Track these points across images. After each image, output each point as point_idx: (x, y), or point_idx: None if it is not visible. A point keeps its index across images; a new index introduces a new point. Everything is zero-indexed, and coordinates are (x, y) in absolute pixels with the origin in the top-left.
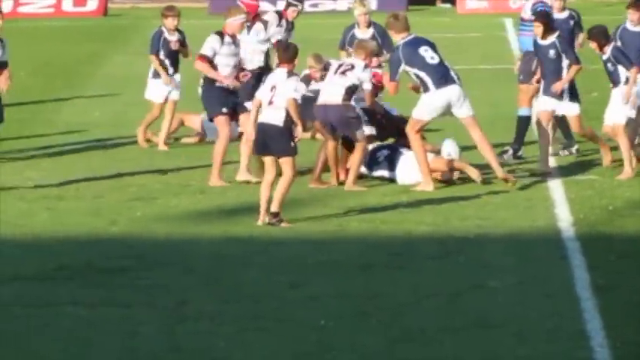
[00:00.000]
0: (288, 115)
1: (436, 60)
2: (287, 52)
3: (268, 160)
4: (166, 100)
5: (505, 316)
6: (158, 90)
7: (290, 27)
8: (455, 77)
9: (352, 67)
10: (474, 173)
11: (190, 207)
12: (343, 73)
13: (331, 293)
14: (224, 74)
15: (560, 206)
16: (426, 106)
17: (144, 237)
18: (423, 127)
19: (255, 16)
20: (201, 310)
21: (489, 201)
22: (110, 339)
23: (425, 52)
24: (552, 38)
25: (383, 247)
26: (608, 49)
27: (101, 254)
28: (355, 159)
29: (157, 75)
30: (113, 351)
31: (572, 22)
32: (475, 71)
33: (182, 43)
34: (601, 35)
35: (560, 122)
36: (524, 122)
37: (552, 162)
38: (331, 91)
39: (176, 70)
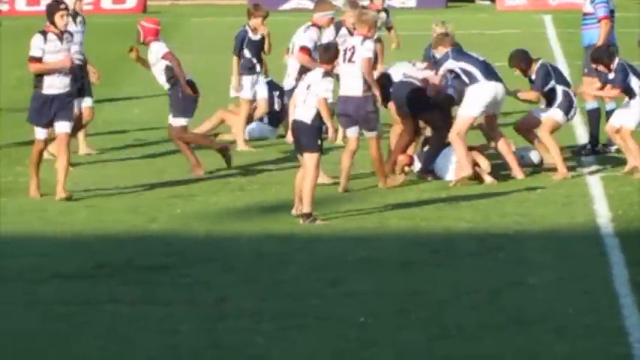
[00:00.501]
0: (317, 114)
1: (482, 59)
2: (327, 52)
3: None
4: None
5: (544, 313)
6: (247, 87)
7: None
8: (500, 77)
9: (353, 48)
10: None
11: (230, 204)
12: (350, 60)
13: (371, 290)
14: None
15: (599, 202)
16: (475, 100)
17: (183, 234)
18: (471, 126)
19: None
20: (241, 307)
21: (528, 197)
22: (150, 337)
23: (472, 53)
24: None
25: (422, 244)
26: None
27: (141, 252)
28: (374, 156)
29: (246, 72)
30: (153, 349)
31: None
32: None
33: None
34: (522, 60)
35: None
36: (595, 115)
37: (589, 159)
38: (349, 84)
39: (262, 69)
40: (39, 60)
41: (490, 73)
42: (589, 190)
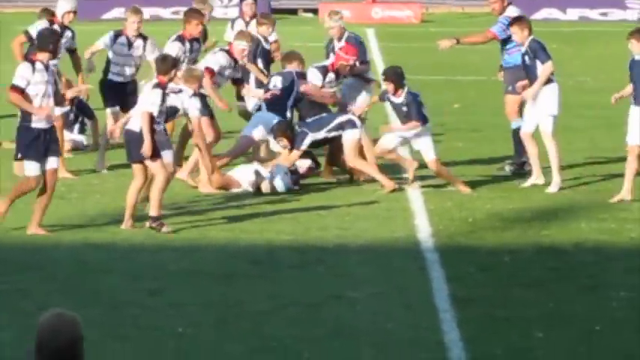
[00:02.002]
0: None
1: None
2: (164, 63)
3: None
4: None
5: (364, 327)
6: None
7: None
8: None
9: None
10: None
11: (50, 212)
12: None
13: (191, 301)
14: None
15: (420, 217)
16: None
17: (3, 241)
18: None
19: None
20: None
21: (349, 211)
22: None
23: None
24: None
25: (243, 256)
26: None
27: None
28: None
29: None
30: None
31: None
32: None
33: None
34: (395, 76)
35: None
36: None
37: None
38: None
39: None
40: (21, 91)
41: None
42: (410, 205)
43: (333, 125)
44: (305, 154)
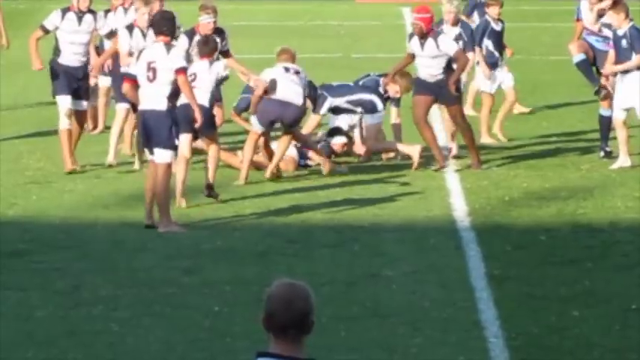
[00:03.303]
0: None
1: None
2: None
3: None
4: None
5: (400, 305)
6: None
7: None
8: None
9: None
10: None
11: (86, 191)
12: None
13: (226, 280)
14: None
15: (456, 196)
16: None
17: (39, 221)
18: None
19: None
20: (96, 294)
21: (385, 190)
22: (5, 322)
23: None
24: None
25: (279, 235)
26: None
27: None
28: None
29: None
30: (8, 334)
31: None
32: (372, 60)
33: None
34: None
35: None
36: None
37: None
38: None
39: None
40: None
41: None
42: (446, 184)
43: (354, 99)
44: (338, 132)
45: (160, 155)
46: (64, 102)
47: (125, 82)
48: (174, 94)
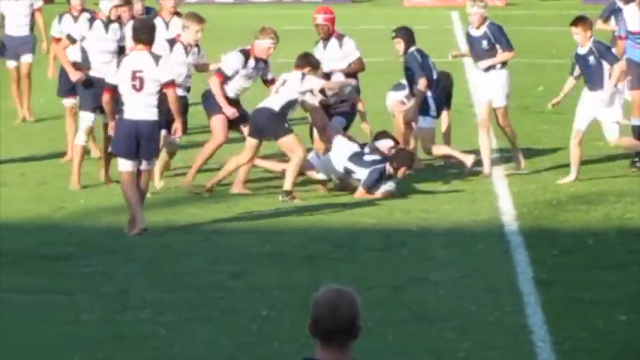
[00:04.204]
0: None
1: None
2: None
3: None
4: None
5: (447, 310)
6: None
7: None
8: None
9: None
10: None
11: None
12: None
13: (274, 284)
14: None
15: (504, 200)
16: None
17: (86, 225)
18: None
19: None
20: (143, 298)
21: (433, 194)
22: (52, 326)
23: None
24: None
25: (326, 239)
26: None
27: (44, 241)
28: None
29: None
30: (55, 338)
31: None
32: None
33: None
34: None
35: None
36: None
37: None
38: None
39: None
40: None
41: None
42: (494, 188)
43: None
44: (384, 135)
45: (152, 163)
46: (88, 119)
47: (105, 93)
48: (160, 103)
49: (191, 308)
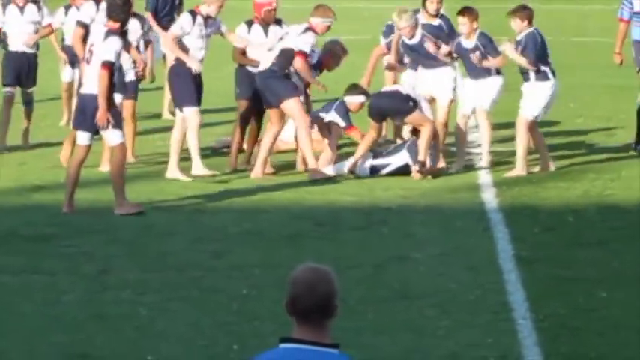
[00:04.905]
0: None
1: None
2: None
3: None
4: None
5: (428, 288)
6: None
7: None
8: None
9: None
10: None
11: None
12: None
13: (255, 263)
14: None
15: (484, 178)
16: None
17: None
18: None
19: None
20: (125, 278)
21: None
22: (34, 306)
23: None
24: None
25: (307, 217)
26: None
27: (25, 222)
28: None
29: None
30: (36, 319)
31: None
32: None
33: None
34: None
35: None
36: None
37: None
38: None
39: None
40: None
41: None
42: (473, 165)
43: None
44: (355, 88)
45: (110, 137)
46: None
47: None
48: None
49: (172, 288)
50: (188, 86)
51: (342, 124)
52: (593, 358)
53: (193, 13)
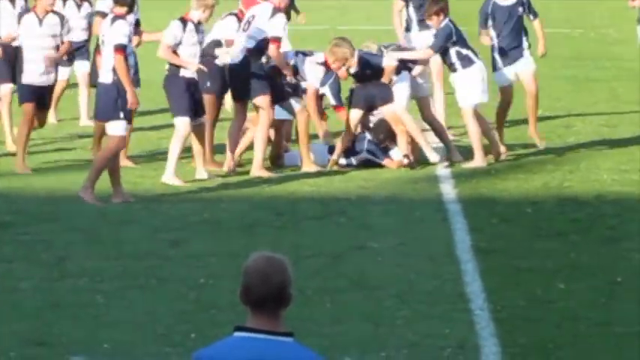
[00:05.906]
0: None
1: None
2: None
3: None
4: None
5: (386, 278)
6: None
7: None
8: None
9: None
10: None
11: (74, 163)
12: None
13: (212, 252)
14: None
15: (442, 168)
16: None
17: (25, 193)
18: None
19: None
20: (82, 266)
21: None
22: None
23: None
24: None
25: (266, 207)
26: None
27: None
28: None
29: None
30: None
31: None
32: (359, 32)
33: None
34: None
35: None
36: None
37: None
38: None
39: None
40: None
41: None
42: (432, 156)
43: None
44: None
45: (113, 127)
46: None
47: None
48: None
49: (130, 276)
50: (182, 96)
51: (333, 102)
52: (550, 349)
53: (184, 21)
